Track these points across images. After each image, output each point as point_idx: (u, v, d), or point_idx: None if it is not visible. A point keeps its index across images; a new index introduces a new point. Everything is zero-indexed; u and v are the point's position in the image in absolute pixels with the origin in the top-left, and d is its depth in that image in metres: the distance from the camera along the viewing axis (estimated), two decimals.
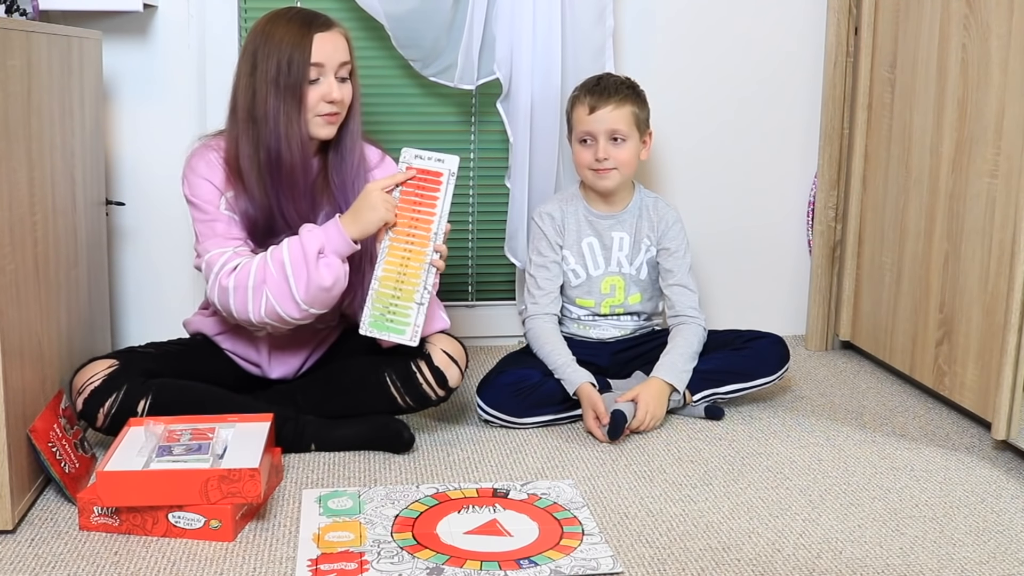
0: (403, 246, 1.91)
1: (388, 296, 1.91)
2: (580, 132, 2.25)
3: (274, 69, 1.88)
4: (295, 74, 1.88)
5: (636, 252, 2.32)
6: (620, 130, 2.22)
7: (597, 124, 2.22)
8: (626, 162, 2.24)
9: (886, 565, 1.58)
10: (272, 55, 1.89)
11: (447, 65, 2.48)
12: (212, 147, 1.98)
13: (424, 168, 1.92)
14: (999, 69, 2.02)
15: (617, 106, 2.22)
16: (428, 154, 1.93)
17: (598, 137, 2.22)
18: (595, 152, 2.22)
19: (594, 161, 2.23)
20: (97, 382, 1.87)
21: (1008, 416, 1.98)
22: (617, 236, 2.31)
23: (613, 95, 2.22)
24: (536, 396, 2.13)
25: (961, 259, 2.16)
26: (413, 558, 1.56)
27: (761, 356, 2.26)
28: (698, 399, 2.20)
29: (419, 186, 1.91)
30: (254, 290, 1.84)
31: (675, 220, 2.33)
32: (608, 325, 2.34)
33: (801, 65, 2.71)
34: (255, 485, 1.62)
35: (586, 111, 2.23)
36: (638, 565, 1.56)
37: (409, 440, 1.97)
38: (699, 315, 2.29)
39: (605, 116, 2.21)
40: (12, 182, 1.61)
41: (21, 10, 1.89)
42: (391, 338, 1.91)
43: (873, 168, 2.55)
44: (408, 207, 1.91)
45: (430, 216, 1.91)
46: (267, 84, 1.89)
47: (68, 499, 1.72)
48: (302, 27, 1.90)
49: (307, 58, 1.88)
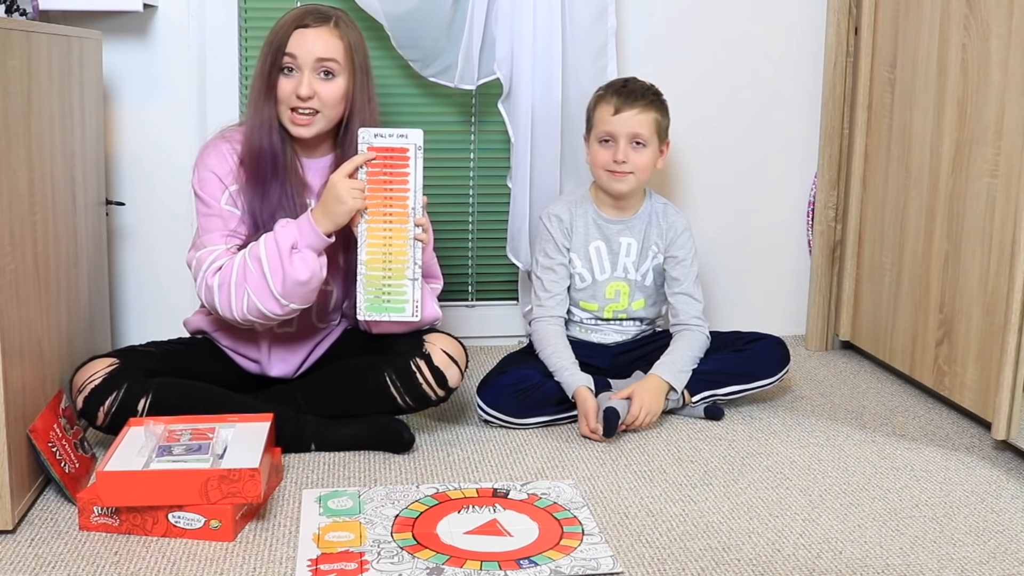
0: (381, 226, 1.91)
1: (378, 278, 1.92)
2: (601, 132, 2.23)
3: (261, 57, 1.96)
4: (269, 62, 1.94)
5: (643, 259, 2.31)
6: (642, 135, 2.21)
7: (620, 126, 2.20)
8: (643, 167, 2.23)
9: (886, 565, 1.58)
10: (266, 44, 1.97)
11: (447, 65, 2.47)
12: (227, 138, 2.00)
13: (387, 146, 1.90)
14: (999, 69, 2.02)
15: (642, 110, 2.21)
16: (389, 131, 1.91)
17: (619, 139, 2.20)
18: (614, 153, 2.20)
19: (612, 162, 2.21)
20: (97, 380, 1.87)
21: (1008, 416, 1.98)
22: (625, 242, 2.30)
23: (640, 99, 2.21)
24: (536, 396, 2.13)
25: (961, 259, 2.16)
26: (413, 558, 1.56)
27: (761, 358, 2.25)
28: (697, 400, 2.20)
29: (386, 164, 1.90)
30: (236, 287, 1.86)
31: (684, 228, 2.32)
32: (610, 330, 2.34)
33: (801, 65, 2.71)
34: (255, 485, 1.62)
35: (610, 111, 2.21)
36: (638, 565, 1.56)
37: (409, 440, 1.97)
38: (703, 323, 2.28)
39: (629, 119, 2.20)
40: (12, 182, 1.61)
41: (21, 10, 1.89)
42: (393, 318, 1.93)
43: (873, 168, 2.55)
44: (379, 187, 1.90)
45: (403, 192, 1.90)
46: (257, 71, 1.97)
47: (68, 499, 1.72)
48: (294, 20, 1.96)
49: (283, 47, 1.93)
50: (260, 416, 1.86)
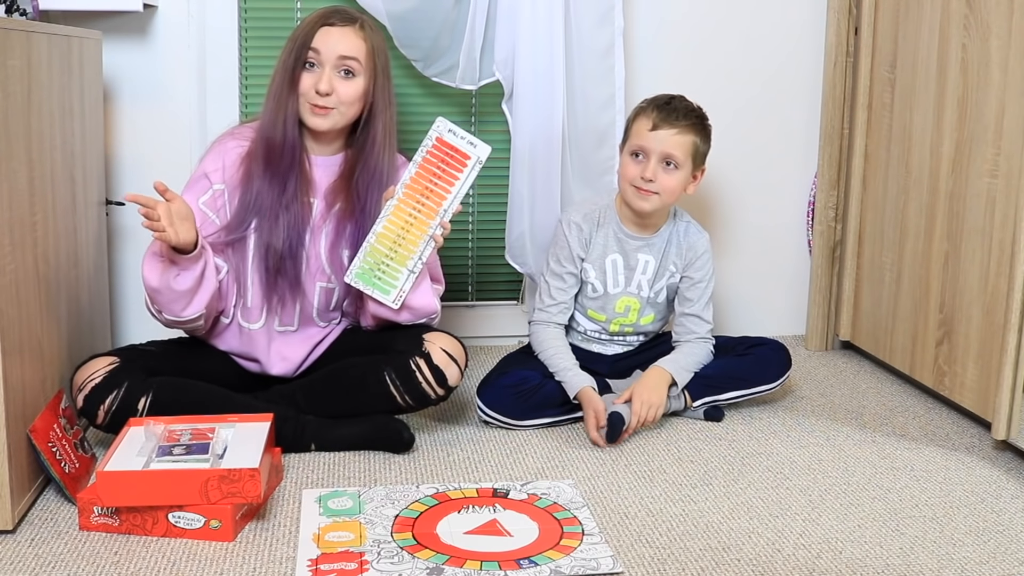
0: (409, 210, 1.96)
1: (382, 253, 1.95)
2: (634, 145, 2.15)
3: (286, 52, 2.00)
4: (294, 57, 1.97)
5: (660, 277, 2.26)
6: (675, 156, 2.13)
7: (654, 143, 2.12)
8: (671, 191, 2.15)
9: (886, 565, 1.58)
10: (291, 40, 2.01)
11: (449, 65, 2.47)
12: (235, 135, 2.04)
13: (453, 144, 1.95)
14: (999, 69, 2.02)
15: (681, 132, 2.13)
16: (463, 133, 1.97)
17: (651, 156, 2.13)
18: (643, 170, 2.13)
19: (639, 178, 2.13)
20: (98, 379, 1.87)
21: (1008, 416, 1.98)
22: (643, 259, 2.25)
23: (680, 120, 2.13)
24: (537, 398, 2.12)
25: (961, 259, 2.16)
26: (413, 558, 1.56)
27: (763, 363, 2.24)
28: (698, 405, 2.20)
29: (443, 159, 1.94)
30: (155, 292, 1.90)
31: (705, 250, 2.26)
32: (614, 344, 2.32)
33: (801, 65, 2.71)
34: (255, 485, 1.62)
35: (648, 126, 2.13)
36: (638, 565, 1.56)
37: (409, 440, 1.97)
38: (709, 340, 2.26)
39: (665, 137, 2.12)
40: (12, 182, 1.61)
41: (21, 10, 1.89)
42: (374, 294, 1.97)
43: (873, 168, 2.55)
44: (426, 175, 1.95)
45: (445, 192, 1.95)
46: (280, 65, 2.00)
47: (68, 499, 1.72)
48: (320, 17, 2.00)
49: (308, 43, 1.97)
50: (260, 416, 1.86)
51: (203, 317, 1.94)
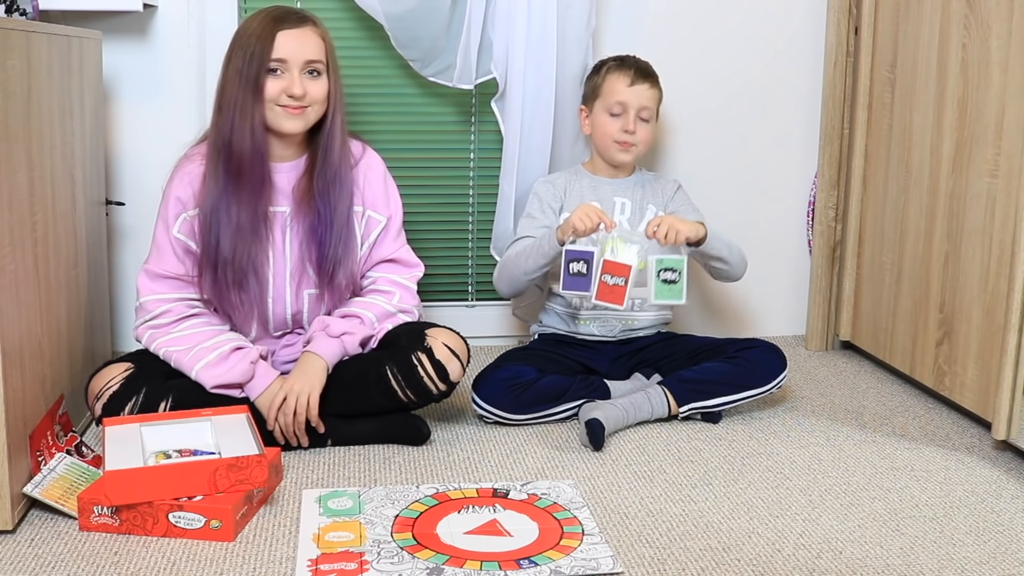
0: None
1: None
2: (613, 102, 2.26)
3: (240, 60, 1.94)
4: (255, 65, 1.92)
5: (640, 216, 2.32)
6: (650, 108, 2.28)
7: (634, 97, 2.26)
8: (645, 142, 2.30)
9: (886, 565, 1.58)
10: (241, 48, 1.94)
11: (446, 65, 2.47)
12: (193, 158, 2.01)
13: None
14: (999, 69, 2.02)
15: (652, 86, 2.29)
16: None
17: (630, 110, 2.26)
18: (625, 124, 2.25)
19: (622, 133, 2.26)
20: (116, 386, 1.87)
21: (1008, 416, 1.98)
22: (619, 201, 2.33)
23: (651, 75, 2.30)
24: (532, 393, 2.11)
25: (961, 259, 2.16)
26: (413, 558, 1.56)
27: (752, 366, 2.17)
28: (684, 411, 2.15)
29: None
30: (165, 356, 1.94)
31: (677, 187, 2.39)
32: (608, 321, 2.29)
33: (801, 65, 2.71)
34: (262, 470, 1.65)
35: (626, 82, 2.26)
36: (638, 565, 1.56)
37: (427, 434, 2.01)
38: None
39: (643, 92, 2.27)
40: (12, 182, 1.61)
41: (21, 10, 1.89)
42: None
43: (873, 168, 2.55)
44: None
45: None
46: (234, 75, 1.94)
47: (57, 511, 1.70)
48: (272, 22, 1.94)
49: (268, 52, 1.92)
50: (234, 408, 1.88)
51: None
